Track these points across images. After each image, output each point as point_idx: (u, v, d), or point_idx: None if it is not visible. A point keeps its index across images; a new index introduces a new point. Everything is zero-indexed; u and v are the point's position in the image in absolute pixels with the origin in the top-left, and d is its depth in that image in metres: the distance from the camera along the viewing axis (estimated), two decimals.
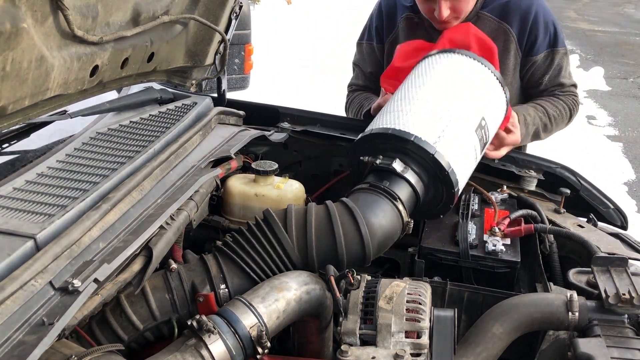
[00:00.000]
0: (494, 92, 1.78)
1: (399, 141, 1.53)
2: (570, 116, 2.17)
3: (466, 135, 1.62)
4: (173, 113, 1.85)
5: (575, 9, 16.22)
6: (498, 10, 2.06)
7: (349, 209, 1.42)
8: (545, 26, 2.07)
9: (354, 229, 1.40)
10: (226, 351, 1.13)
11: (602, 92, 8.85)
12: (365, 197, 1.48)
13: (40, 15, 1.18)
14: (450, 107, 1.63)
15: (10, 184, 1.32)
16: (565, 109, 2.14)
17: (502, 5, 2.06)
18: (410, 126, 1.55)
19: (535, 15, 2.06)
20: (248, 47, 4.61)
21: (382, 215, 1.45)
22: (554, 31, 2.10)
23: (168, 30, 1.71)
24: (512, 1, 2.06)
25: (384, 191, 1.49)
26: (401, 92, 1.73)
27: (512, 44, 2.08)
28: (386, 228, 1.45)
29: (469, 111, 1.66)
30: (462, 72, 1.76)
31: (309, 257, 1.38)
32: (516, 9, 2.06)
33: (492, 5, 2.07)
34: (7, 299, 0.97)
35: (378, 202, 1.47)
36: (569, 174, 1.92)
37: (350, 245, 1.39)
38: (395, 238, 1.50)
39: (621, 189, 5.52)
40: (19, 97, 1.23)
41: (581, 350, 1.22)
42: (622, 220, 1.91)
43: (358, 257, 1.42)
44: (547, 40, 2.09)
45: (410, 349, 1.20)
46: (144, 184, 1.41)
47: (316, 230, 1.39)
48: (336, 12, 10.93)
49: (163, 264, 1.31)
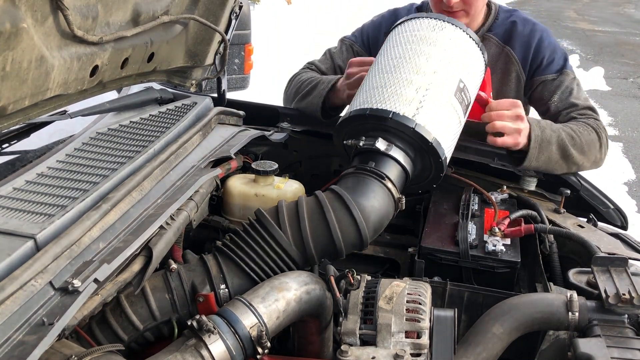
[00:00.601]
0: (469, 52, 1.70)
1: (378, 119, 1.51)
2: (599, 137, 1.94)
3: (446, 101, 1.58)
4: (173, 113, 1.85)
5: (575, 9, 16.22)
6: (502, 34, 2.11)
7: (338, 195, 1.42)
8: (551, 49, 2.09)
9: (347, 215, 1.39)
10: (226, 351, 1.13)
11: (602, 92, 8.85)
12: (354, 181, 1.47)
13: (40, 15, 1.18)
14: (425, 76, 1.57)
15: (10, 184, 1.32)
16: (587, 127, 1.93)
17: (507, 30, 2.11)
18: (387, 102, 1.52)
19: (539, 40, 2.09)
20: (248, 47, 4.62)
21: (373, 197, 1.44)
22: (561, 56, 2.11)
23: (168, 30, 1.70)
24: (517, 26, 2.11)
25: (371, 172, 1.48)
26: (375, 67, 1.68)
27: (514, 66, 2.10)
28: (379, 209, 1.44)
29: (446, 76, 1.60)
30: (433, 36, 1.68)
31: (307, 250, 1.37)
32: (519, 33, 2.10)
33: (497, 29, 2.12)
34: (7, 299, 0.97)
35: (367, 184, 1.46)
36: (569, 174, 1.92)
37: (345, 231, 1.39)
38: (390, 217, 1.49)
39: (621, 189, 5.52)
40: (19, 97, 1.23)
41: (581, 351, 1.22)
42: (622, 220, 1.91)
43: (355, 242, 1.41)
44: (555, 64, 2.08)
45: (410, 349, 1.20)
46: (144, 184, 1.41)
47: (309, 222, 1.38)
48: (336, 12, 10.93)
49: (163, 264, 1.31)
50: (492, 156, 1.96)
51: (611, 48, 11.84)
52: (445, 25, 1.69)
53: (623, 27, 14.16)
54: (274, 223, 1.38)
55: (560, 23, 13.96)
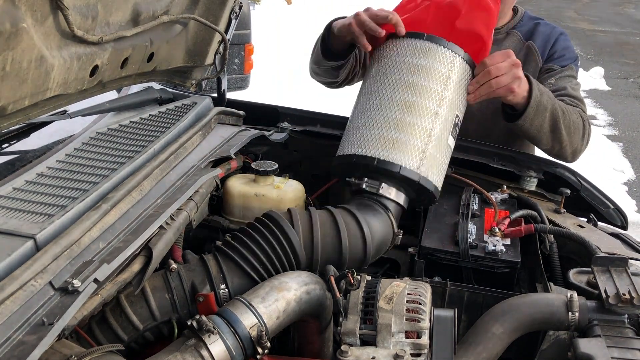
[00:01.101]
0: (463, 79, 1.67)
1: (385, 171, 1.55)
2: (584, 125, 2.00)
3: (444, 143, 1.62)
4: (173, 113, 1.85)
5: (575, 9, 16.22)
6: (525, 32, 2.20)
7: (352, 213, 1.49)
8: (564, 48, 2.17)
9: (357, 229, 1.46)
10: (226, 351, 1.13)
11: (602, 92, 8.86)
12: (363, 204, 1.55)
13: (40, 15, 1.18)
14: (427, 119, 1.58)
15: (10, 184, 1.32)
16: (575, 111, 1.98)
17: (530, 29, 2.20)
18: (392, 153, 1.54)
19: (557, 39, 2.18)
20: (248, 47, 4.62)
21: (378, 221, 1.52)
22: (572, 56, 2.19)
23: (168, 30, 1.70)
24: (539, 27, 2.21)
25: (377, 202, 1.56)
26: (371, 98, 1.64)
27: (534, 56, 2.18)
28: (382, 234, 1.53)
29: (446, 117, 1.61)
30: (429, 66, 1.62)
31: (314, 255, 1.41)
32: (541, 31, 2.20)
33: (522, 28, 2.20)
34: (7, 299, 0.97)
35: (375, 209, 1.54)
36: (569, 174, 1.92)
37: (352, 244, 1.44)
38: (388, 245, 1.56)
39: (621, 189, 5.53)
40: (18, 97, 1.23)
41: (581, 351, 1.22)
42: (622, 220, 1.91)
43: (359, 260, 1.47)
44: (564, 59, 2.15)
45: (410, 349, 1.20)
46: (144, 184, 1.41)
47: (321, 229, 1.43)
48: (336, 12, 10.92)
49: (163, 264, 1.31)
50: (492, 156, 1.96)
51: (611, 48, 11.84)
52: (439, 49, 1.64)
53: (623, 27, 14.16)
54: (288, 223, 1.40)
55: (560, 23, 13.95)
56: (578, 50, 11.31)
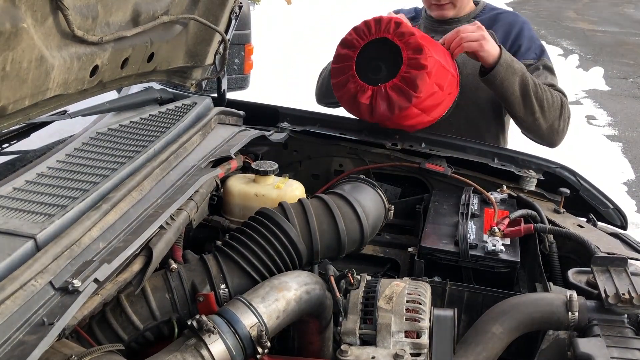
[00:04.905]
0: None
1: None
2: (561, 106, 2.09)
3: None
4: (173, 113, 1.85)
5: (575, 9, 16.21)
6: (487, 21, 2.26)
7: (341, 195, 1.54)
8: (529, 39, 2.24)
9: (351, 211, 1.51)
10: (226, 351, 1.13)
11: (602, 92, 8.85)
12: (352, 185, 1.63)
13: (40, 15, 1.18)
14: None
15: (10, 184, 1.32)
16: (553, 93, 2.07)
17: (492, 17, 2.30)
18: None
19: (520, 29, 2.25)
20: (248, 47, 4.62)
21: (369, 199, 1.59)
22: (538, 46, 2.25)
23: (168, 30, 1.71)
24: (500, 16, 2.31)
25: (365, 180, 1.66)
26: None
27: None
28: (375, 211, 1.59)
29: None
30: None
31: (313, 245, 1.43)
32: (502, 21, 2.29)
33: (483, 17, 2.30)
34: (7, 299, 0.97)
35: (363, 188, 1.62)
36: (568, 174, 1.93)
37: (350, 230, 1.49)
38: (382, 221, 1.63)
39: (621, 189, 5.52)
40: (19, 97, 1.23)
41: (581, 350, 1.22)
42: (621, 220, 1.91)
43: (357, 241, 1.52)
44: (531, 51, 2.21)
45: (410, 349, 1.20)
46: (144, 184, 1.41)
47: (316, 218, 1.46)
48: (336, 12, 10.94)
49: (163, 264, 1.31)
50: (492, 156, 1.96)
51: (611, 48, 11.84)
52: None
53: (623, 27, 14.15)
54: (282, 217, 1.42)
55: (560, 23, 13.96)
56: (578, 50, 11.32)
